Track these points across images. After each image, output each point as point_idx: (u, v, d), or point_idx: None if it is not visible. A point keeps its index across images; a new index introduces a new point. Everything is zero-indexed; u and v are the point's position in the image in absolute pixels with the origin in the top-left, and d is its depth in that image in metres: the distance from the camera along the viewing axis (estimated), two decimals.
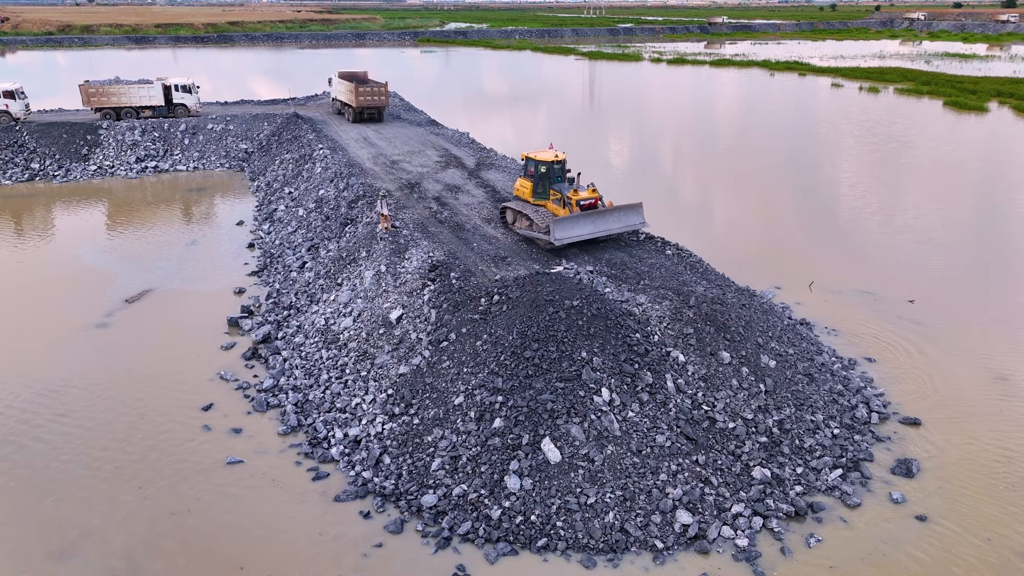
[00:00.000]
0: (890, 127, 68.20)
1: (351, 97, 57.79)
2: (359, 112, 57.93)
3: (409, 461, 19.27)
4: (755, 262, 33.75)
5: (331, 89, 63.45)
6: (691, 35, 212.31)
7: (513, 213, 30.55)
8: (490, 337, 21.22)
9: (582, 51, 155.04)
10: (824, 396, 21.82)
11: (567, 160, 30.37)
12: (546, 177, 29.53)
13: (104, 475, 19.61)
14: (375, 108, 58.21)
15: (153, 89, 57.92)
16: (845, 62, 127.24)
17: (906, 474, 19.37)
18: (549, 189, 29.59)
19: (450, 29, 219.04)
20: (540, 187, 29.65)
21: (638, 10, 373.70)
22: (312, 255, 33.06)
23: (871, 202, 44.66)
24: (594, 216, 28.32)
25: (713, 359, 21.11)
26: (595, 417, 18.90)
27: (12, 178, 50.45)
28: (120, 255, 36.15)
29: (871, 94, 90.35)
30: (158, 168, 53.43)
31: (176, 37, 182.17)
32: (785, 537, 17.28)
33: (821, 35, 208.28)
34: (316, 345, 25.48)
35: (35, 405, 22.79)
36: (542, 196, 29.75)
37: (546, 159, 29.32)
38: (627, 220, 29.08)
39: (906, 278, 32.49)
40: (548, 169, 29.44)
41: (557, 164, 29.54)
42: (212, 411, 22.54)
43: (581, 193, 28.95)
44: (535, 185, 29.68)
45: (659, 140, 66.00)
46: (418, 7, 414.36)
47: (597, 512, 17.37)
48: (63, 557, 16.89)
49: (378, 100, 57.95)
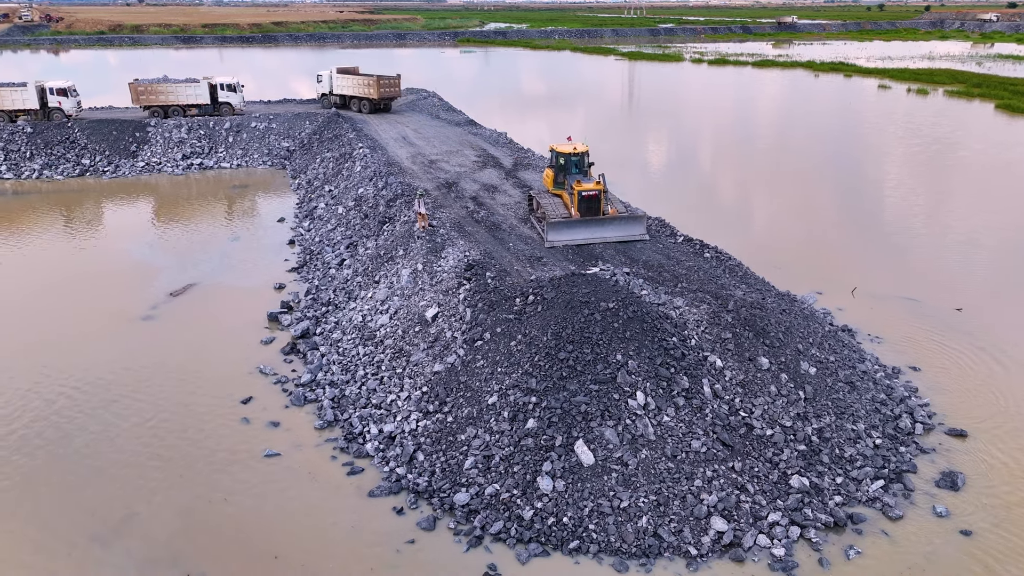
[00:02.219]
0: (937, 129, 66.36)
1: (370, 90, 61.95)
2: (377, 103, 62.73)
3: (442, 459, 19.36)
4: (796, 266, 33.12)
5: (323, 85, 65.30)
6: (733, 35, 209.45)
7: (536, 201, 31.76)
8: (524, 337, 21.20)
9: (622, 51, 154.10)
10: (866, 405, 21.32)
11: (588, 153, 31.16)
12: (564, 168, 30.80)
13: (146, 463, 20.10)
14: (390, 99, 63.92)
15: (199, 88, 59.22)
16: (892, 63, 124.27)
17: (951, 487, 18.82)
18: (566, 180, 30.68)
19: (490, 29, 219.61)
20: (560, 177, 30.93)
21: (679, 10, 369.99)
22: (351, 252, 33.45)
23: (916, 205, 43.52)
24: (592, 224, 28.96)
25: (751, 365, 20.78)
26: (629, 421, 18.75)
27: (64, 173, 52.06)
28: (166, 250, 37.04)
29: (919, 96, 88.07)
30: (203, 165, 54.63)
31: (222, 37, 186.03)
32: (823, 548, 16.92)
33: (868, 35, 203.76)
34: (353, 341, 25.76)
35: (82, 393, 23.48)
36: (560, 187, 30.87)
37: (564, 151, 30.64)
38: (627, 230, 29.43)
39: (953, 285, 31.57)
40: (566, 161, 30.71)
41: (575, 156, 30.65)
42: (251, 404, 22.95)
43: (585, 184, 29.51)
44: (555, 175, 31.04)
45: (698, 140, 65.26)
46: (458, 7, 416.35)
47: (630, 516, 17.23)
48: (105, 541, 17.36)
49: (394, 91, 63.64)
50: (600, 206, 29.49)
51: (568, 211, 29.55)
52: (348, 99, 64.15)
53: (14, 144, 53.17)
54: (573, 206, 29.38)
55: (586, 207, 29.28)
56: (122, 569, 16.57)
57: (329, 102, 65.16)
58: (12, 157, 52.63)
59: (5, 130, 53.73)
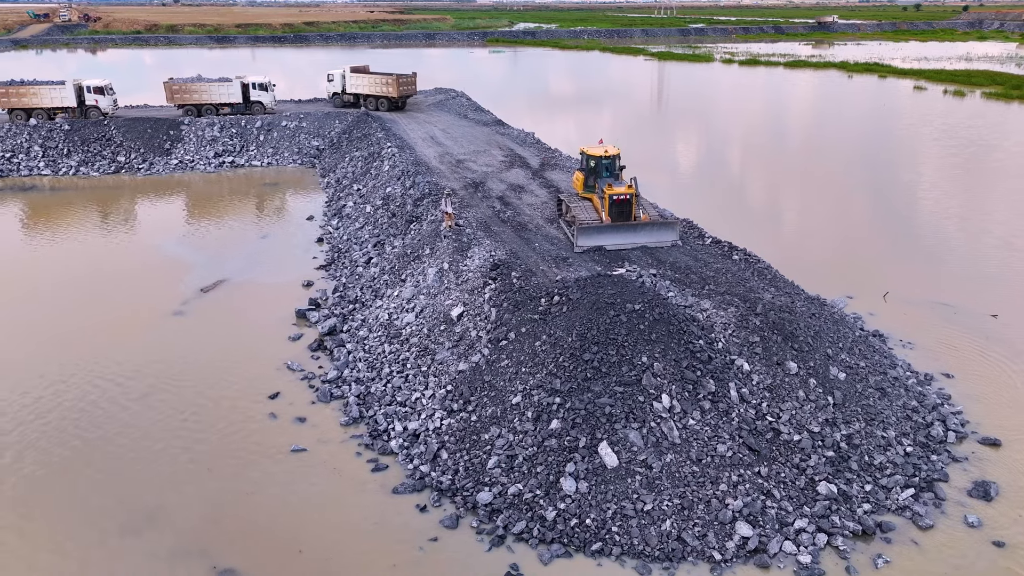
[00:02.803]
0: (974, 131, 64.91)
1: (389, 88, 62.93)
2: (396, 101, 63.57)
3: (466, 457, 19.42)
4: (826, 269, 32.64)
5: (334, 84, 65.13)
6: (765, 36, 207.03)
7: (565, 205, 31.07)
8: (549, 338, 21.18)
9: (651, 51, 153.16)
10: (897, 412, 20.94)
11: (620, 156, 30.53)
12: (595, 171, 30.19)
13: (176, 456, 20.47)
14: (408, 96, 65.50)
15: (232, 87, 60.10)
16: (928, 64, 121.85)
17: (984, 497, 18.41)
18: (596, 183, 29.99)
19: (519, 29, 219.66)
20: (590, 180, 30.38)
21: (710, 10, 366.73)
22: (378, 251, 33.70)
23: (951, 208, 42.62)
24: (623, 230, 28.28)
25: (779, 369, 20.53)
26: (654, 423, 18.64)
27: (100, 170, 53.17)
28: (197, 246, 37.66)
29: (956, 97, 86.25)
30: (234, 163, 55.44)
31: (255, 37, 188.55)
32: (851, 556, 16.65)
33: (904, 36, 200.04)
34: (379, 339, 25.95)
35: (115, 386, 23.97)
36: (591, 190, 30.28)
37: (595, 153, 30.15)
38: (659, 236, 28.70)
39: (988, 290, 30.85)
40: (597, 163, 30.09)
41: (606, 159, 30.05)
42: (278, 400, 23.24)
43: (616, 188, 28.92)
44: (586, 178, 30.54)
45: (728, 141, 64.60)
46: (488, 8, 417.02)
47: (654, 519, 17.13)
48: (136, 531, 17.71)
49: (411, 90, 65.33)
50: (632, 211, 28.79)
51: (598, 215, 28.85)
52: (362, 98, 64.12)
53: (52, 141, 54.45)
54: (604, 211, 28.62)
55: (617, 212, 28.59)
56: (151, 559, 16.89)
57: (341, 101, 65.00)
58: (50, 154, 53.90)
59: (44, 127, 55.05)
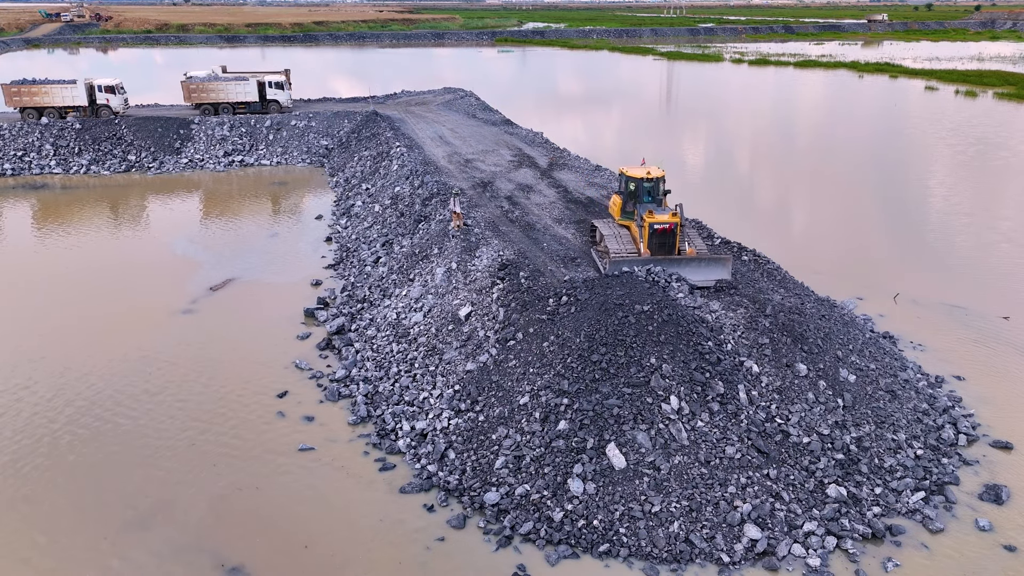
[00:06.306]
0: (985, 132, 64.44)
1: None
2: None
3: (473, 458, 19.40)
4: (836, 271, 32.46)
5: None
6: (775, 35, 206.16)
7: (599, 233, 27.49)
8: (557, 339, 21.13)
9: (661, 51, 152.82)
10: (907, 414, 20.79)
11: (664, 179, 26.51)
12: (634, 195, 26.26)
13: (182, 452, 20.53)
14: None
15: (248, 86, 60.28)
16: (940, 64, 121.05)
17: (995, 500, 18.26)
18: (636, 209, 26.03)
19: (528, 29, 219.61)
20: (628, 206, 26.50)
21: (720, 10, 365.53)
22: (386, 250, 33.73)
23: (961, 209, 42.31)
24: (664, 265, 24.19)
25: (789, 371, 20.42)
26: (663, 425, 18.57)
27: (110, 169, 53.44)
28: (206, 245, 37.79)
29: (967, 98, 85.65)
30: (244, 162, 55.62)
31: (265, 36, 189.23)
32: (860, 559, 16.54)
33: (915, 36, 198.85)
34: (387, 338, 25.96)
35: (124, 383, 24.07)
36: (629, 216, 26.34)
37: (636, 175, 26.08)
38: (707, 274, 24.28)
39: (1000, 292, 30.62)
40: (637, 187, 26.11)
41: (648, 182, 26.00)
42: (286, 398, 23.28)
43: (658, 216, 24.86)
44: (624, 203, 26.65)
45: (737, 141, 64.35)
46: (496, 7, 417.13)
47: (662, 521, 17.06)
48: (138, 528, 17.77)
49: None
50: (675, 242, 24.85)
51: (636, 246, 25.23)
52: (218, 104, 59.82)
53: (63, 139, 54.76)
54: (643, 240, 24.83)
55: (658, 243, 24.70)
56: (158, 554, 16.95)
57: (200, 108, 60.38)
58: (61, 152, 54.21)
59: (55, 126, 55.39)
